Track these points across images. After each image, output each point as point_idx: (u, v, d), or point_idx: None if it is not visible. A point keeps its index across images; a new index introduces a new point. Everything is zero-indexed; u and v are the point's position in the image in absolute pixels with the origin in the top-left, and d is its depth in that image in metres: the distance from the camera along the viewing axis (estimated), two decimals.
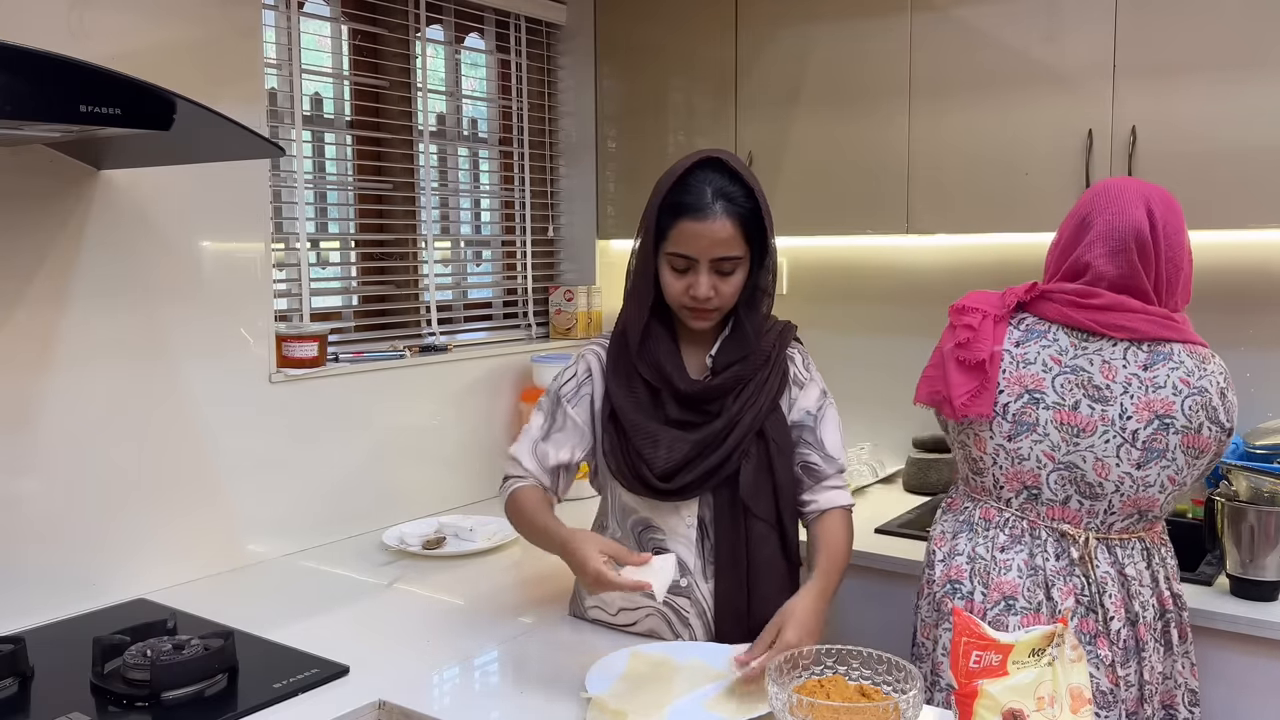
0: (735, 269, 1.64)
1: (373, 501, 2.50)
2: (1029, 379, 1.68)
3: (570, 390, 1.77)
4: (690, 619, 1.72)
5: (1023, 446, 1.68)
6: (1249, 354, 2.38)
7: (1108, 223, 1.67)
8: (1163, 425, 1.63)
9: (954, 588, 1.73)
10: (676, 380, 1.68)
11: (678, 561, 1.67)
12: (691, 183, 1.63)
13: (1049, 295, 1.71)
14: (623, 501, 1.76)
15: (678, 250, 1.63)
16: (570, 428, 1.74)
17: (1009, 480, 1.71)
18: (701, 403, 1.68)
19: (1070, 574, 1.67)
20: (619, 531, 1.77)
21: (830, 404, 1.78)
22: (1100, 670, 1.65)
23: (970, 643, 1.26)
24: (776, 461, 1.69)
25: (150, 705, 1.53)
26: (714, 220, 1.60)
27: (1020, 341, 1.71)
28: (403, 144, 2.73)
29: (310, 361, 2.31)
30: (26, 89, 1.32)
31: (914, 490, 2.72)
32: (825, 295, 2.98)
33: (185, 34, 2.04)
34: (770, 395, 1.70)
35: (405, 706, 1.53)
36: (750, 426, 1.67)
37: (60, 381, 1.90)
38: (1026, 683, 1.23)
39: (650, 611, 1.75)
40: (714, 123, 2.85)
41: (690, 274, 1.63)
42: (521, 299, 3.12)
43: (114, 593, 1.98)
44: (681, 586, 1.71)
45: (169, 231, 2.05)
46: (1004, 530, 1.72)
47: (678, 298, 1.66)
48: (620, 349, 1.74)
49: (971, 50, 2.44)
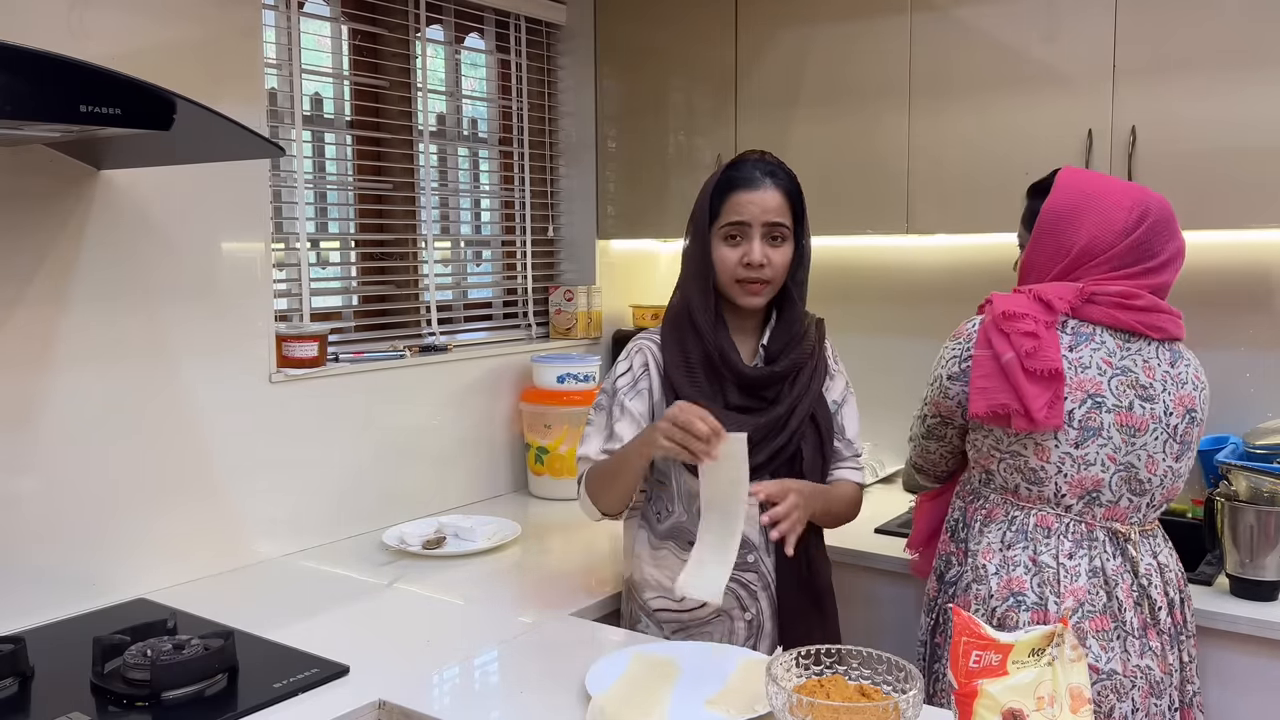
0: (784, 239, 1.77)
1: (373, 501, 2.50)
2: (1089, 384, 1.65)
3: (626, 384, 1.83)
4: (757, 592, 1.80)
5: (1089, 452, 1.66)
6: (1249, 354, 2.38)
7: (1161, 207, 1.69)
8: (1190, 419, 1.70)
9: (1016, 600, 1.67)
10: (741, 365, 1.77)
11: (747, 541, 1.76)
12: (740, 165, 1.79)
13: (1094, 298, 1.68)
14: (688, 485, 1.79)
15: (732, 219, 1.75)
16: (629, 418, 1.80)
17: (1072, 487, 1.68)
18: (761, 388, 1.78)
19: (1125, 571, 1.68)
20: (685, 515, 1.81)
21: (852, 394, 1.92)
22: (1153, 660, 1.66)
23: (970, 642, 1.26)
24: (826, 444, 1.82)
25: (150, 705, 1.53)
26: (765, 190, 1.75)
27: (1072, 346, 1.67)
28: (403, 144, 2.73)
29: (310, 361, 2.31)
30: (26, 89, 1.32)
31: (914, 490, 2.71)
32: (825, 295, 2.96)
33: (185, 34, 2.04)
34: (819, 382, 1.83)
35: (405, 706, 1.53)
36: (807, 411, 1.80)
37: (60, 381, 1.90)
38: (1026, 682, 1.23)
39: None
40: (714, 123, 2.85)
41: (744, 243, 1.75)
42: (521, 299, 3.12)
43: (114, 593, 1.98)
44: (749, 562, 1.79)
45: (169, 231, 2.05)
46: (1067, 537, 1.68)
47: (731, 270, 1.76)
48: (677, 337, 1.81)
49: (971, 50, 2.44)
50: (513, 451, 2.89)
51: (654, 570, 1.85)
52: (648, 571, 1.86)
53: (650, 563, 1.85)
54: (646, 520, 1.86)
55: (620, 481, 1.74)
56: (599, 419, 1.84)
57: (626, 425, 1.79)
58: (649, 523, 1.86)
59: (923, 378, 1.82)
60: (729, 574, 1.61)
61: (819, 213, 2.72)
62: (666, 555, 1.83)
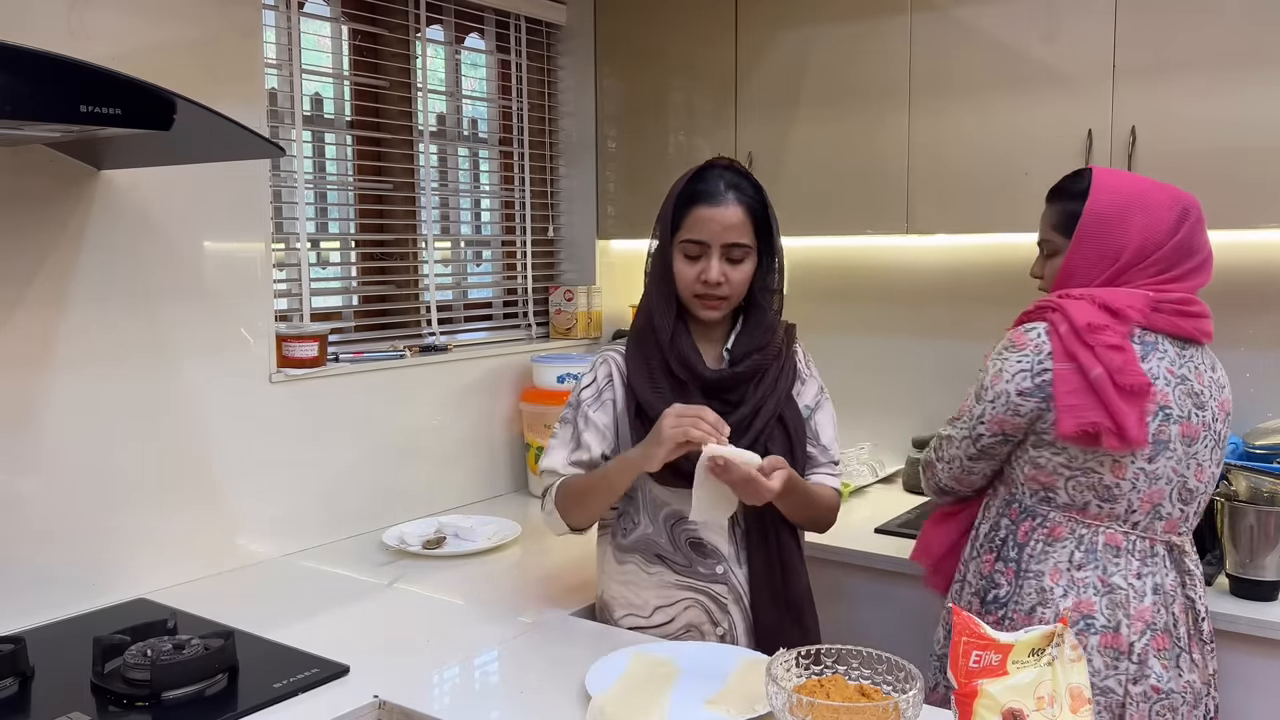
0: (745, 258, 1.72)
1: (373, 501, 2.50)
2: (1159, 395, 1.61)
3: (590, 395, 1.81)
4: (728, 605, 1.77)
5: (1159, 466, 1.62)
6: (1249, 354, 2.38)
7: (1196, 204, 1.66)
8: (1228, 422, 1.70)
9: (1086, 623, 1.62)
10: (701, 369, 1.74)
11: (716, 551, 1.76)
12: (705, 175, 1.74)
13: (1160, 306, 1.64)
14: (654, 496, 1.78)
15: (691, 237, 1.71)
16: (593, 430, 1.78)
17: (1143, 503, 1.63)
18: (725, 391, 1.75)
19: (1177, 585, 1.66)
20: (651, 526, 1.79)
21: (826, 399, 1.86)
22: (1196, 673, 1.65)
23: (970, 642, 1.26)
24: (796, 446, 1.77)
25: (150, 705, 1.53)
26: (725, 206, 1.69)
27: (1143, 356, 1.62)
28: (403, 144, 2.73)
29: (310, 361, 2.31)
30: (26, 89, 1.32)
31: (914, 490, 2.72)
32: (825, 295, 2.98)
33: (185, 34, 2.04)
34: (787, 383, 1.78)
35: (405, 706, 1.53)
36: (772, 412, 1.75)
37: (60, 381, 1.90)
38: (1026, 682, 1.23)
39: (689, 603, 1.77)
40: (714, 123, 2.85)
41: (702, 260, 1.71)
42: (521, 299, 3.12)
43: (114, 593, 1.98)
44: (718, 574, 1.76)
45: (169, 232, 2.05)
46: (1134, 555, 1.64)
47: (690, 285, 1.73)
48: (640, 347, 1.79)
49: (971, 50, 2.44)
50: (513, 451, 2.89)
51: (620, 588, 1.82)
52: (615, 589, 1.84)
53: (617, 579, 1.83)
54: (612, 535, 1.83)
55: (599, 499, 1.73)
56: (564, 431, 1.81)
57: (592, 436, 1.78)
58: (614, 537, 1.83)
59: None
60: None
61: (819, 213, 2.75)
62: (632, 570, 1.80)
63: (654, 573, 1.78)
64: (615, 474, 1.69)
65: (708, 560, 1.76)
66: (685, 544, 1.76)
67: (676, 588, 1.77)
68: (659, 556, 1.78)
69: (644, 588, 1.79)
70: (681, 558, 1.77)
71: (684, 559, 1.77)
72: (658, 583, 1.78)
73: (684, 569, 1.77)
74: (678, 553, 1.77)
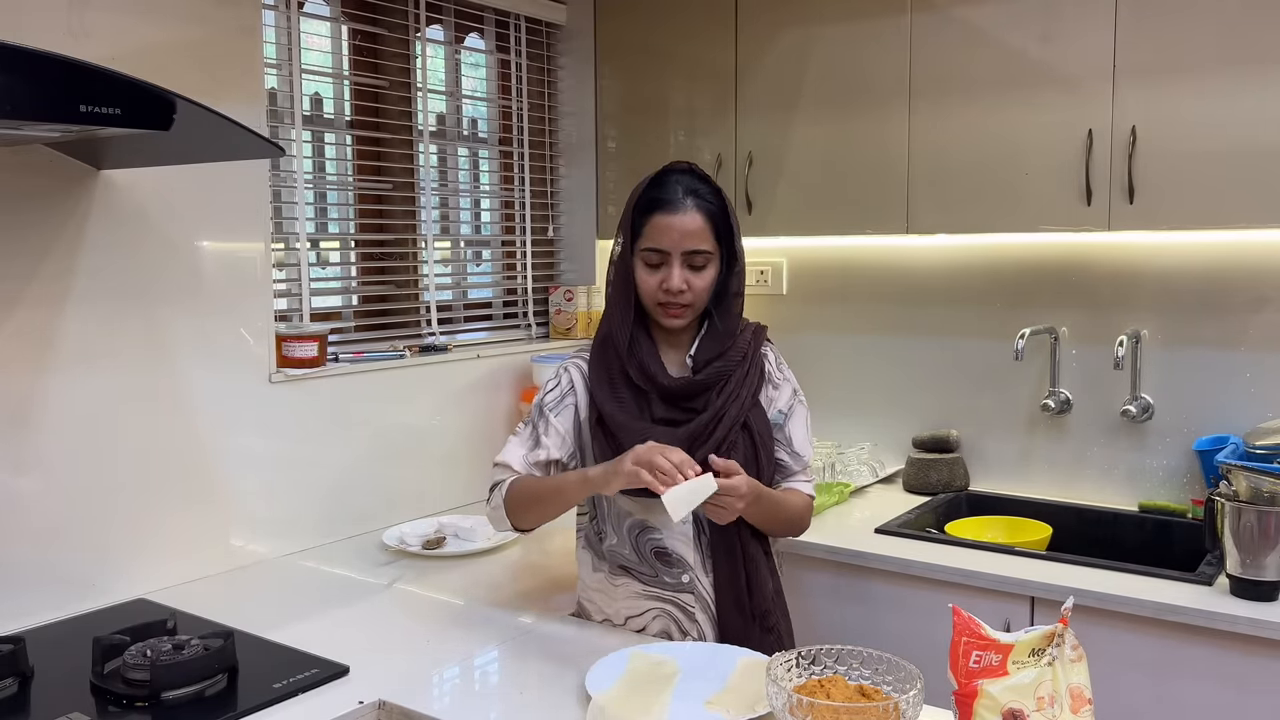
0: (706, 264, 1.72)
1: (373, 501, 2.50)
2: None
3: (553, 399, 1.81)
4: (696, 614, 1.75)
5: None
6: (1249, 354, 2.38)
7: None
8: None
9: None
10: (661, 377, 1.73)
11: (681, 560, 1.74)
12: (663, 182, 1.73)
13: None
14: (618, 506, 1.77)
15: (651, 245, 1.71)
16: (554, 433, 1.78)
17: None
18: (686, 399, 1.73)
19: None
20: (615, 537, 1.79)
21: (800, 403, 1.84)
22: None
23: (970, 642, 1.26)
24: (761, 452, 1.74)
25: (150, 705, 1.53)
26: (685, 213, 1.69)
27: None
28: (403, 144, 2.73)
29: (310, 361, 2.31)
30: (26, 89, 1.32)
31: (914, 490, 2.71)
32: (825, 295, 2.98)
33: (185, 34, 2.04)
34: (751, 389, 1.76)
35: (405, 706, 1.53)
36: (735, 419, 1.72)
37: (60, 381, 1.90)
38: (1026, 682, 1.23)
39: (657, 613, 1.77)
40: (714, 123, 2.85)
41: (663, 268, 1.71)
42: (521, 299, 3.12)
43: (114, 593, 1.98)
44: (684, 583, 1.75)
45: (169, 231, 2.05)
46: None
47: (652, 294, 1.72)
48: (602, 356, 1.78)
49: (971, 50, 2.44)
50: None
51: (596, 594, 1.83)
52: (591, 595, 1.85)
53: (592, 586, 1.84)
54: (590, 543, 1.84)
55: (550, 508, 1.72)
56: (524, 431, 1.81)
57: (552, 439, 1.77)
58: (591, 545, 1.83)
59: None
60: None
61: (819, 213, 2.75)
62: (601, 579, 1.81)
63: (620, 584, 1.79)
64: (571, 488, 1.68)
65: (673, 570, 1.76)
66: (650, 554, 1.76)
67: (644, 598, 1.77)
68: (624, 568, 1.79)
69: (615, 598, 1.80)
70: (647, 568, 1.77)
71: (649, 569, 1.77)
72: (625, 593, 1.79)
73: (650, 579, 1.77)
74: (643, 563, 1.77)
